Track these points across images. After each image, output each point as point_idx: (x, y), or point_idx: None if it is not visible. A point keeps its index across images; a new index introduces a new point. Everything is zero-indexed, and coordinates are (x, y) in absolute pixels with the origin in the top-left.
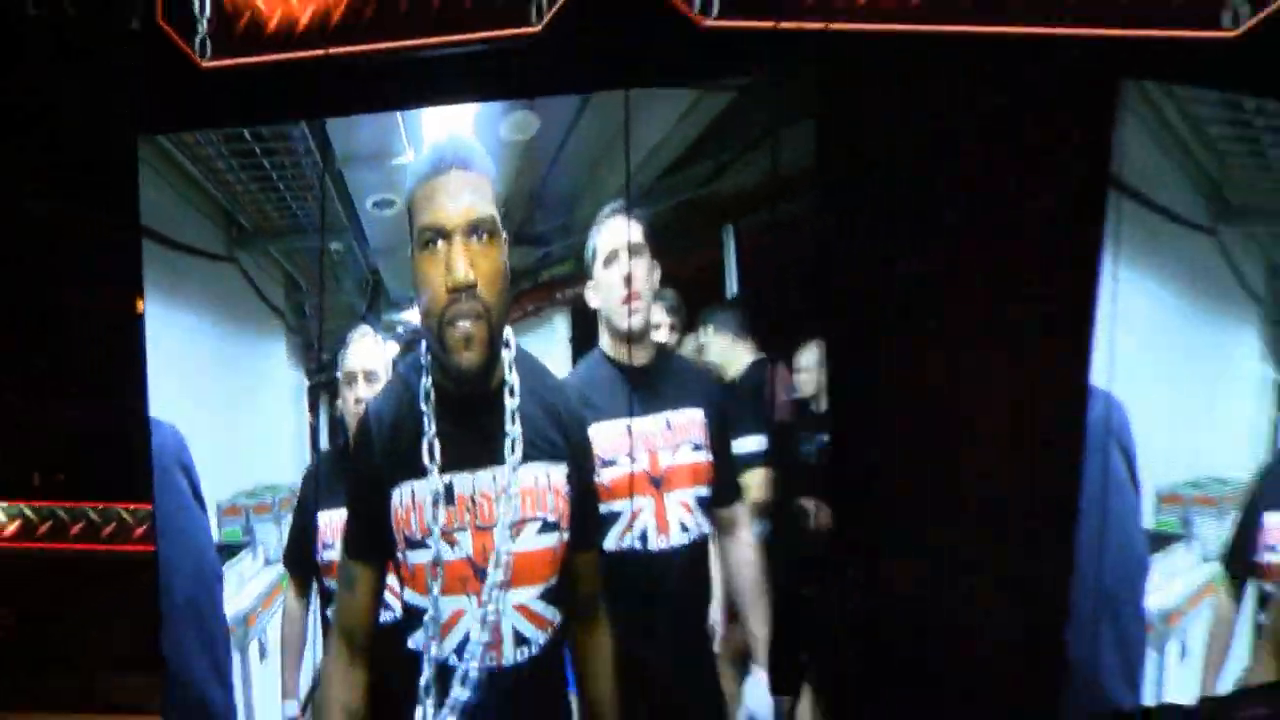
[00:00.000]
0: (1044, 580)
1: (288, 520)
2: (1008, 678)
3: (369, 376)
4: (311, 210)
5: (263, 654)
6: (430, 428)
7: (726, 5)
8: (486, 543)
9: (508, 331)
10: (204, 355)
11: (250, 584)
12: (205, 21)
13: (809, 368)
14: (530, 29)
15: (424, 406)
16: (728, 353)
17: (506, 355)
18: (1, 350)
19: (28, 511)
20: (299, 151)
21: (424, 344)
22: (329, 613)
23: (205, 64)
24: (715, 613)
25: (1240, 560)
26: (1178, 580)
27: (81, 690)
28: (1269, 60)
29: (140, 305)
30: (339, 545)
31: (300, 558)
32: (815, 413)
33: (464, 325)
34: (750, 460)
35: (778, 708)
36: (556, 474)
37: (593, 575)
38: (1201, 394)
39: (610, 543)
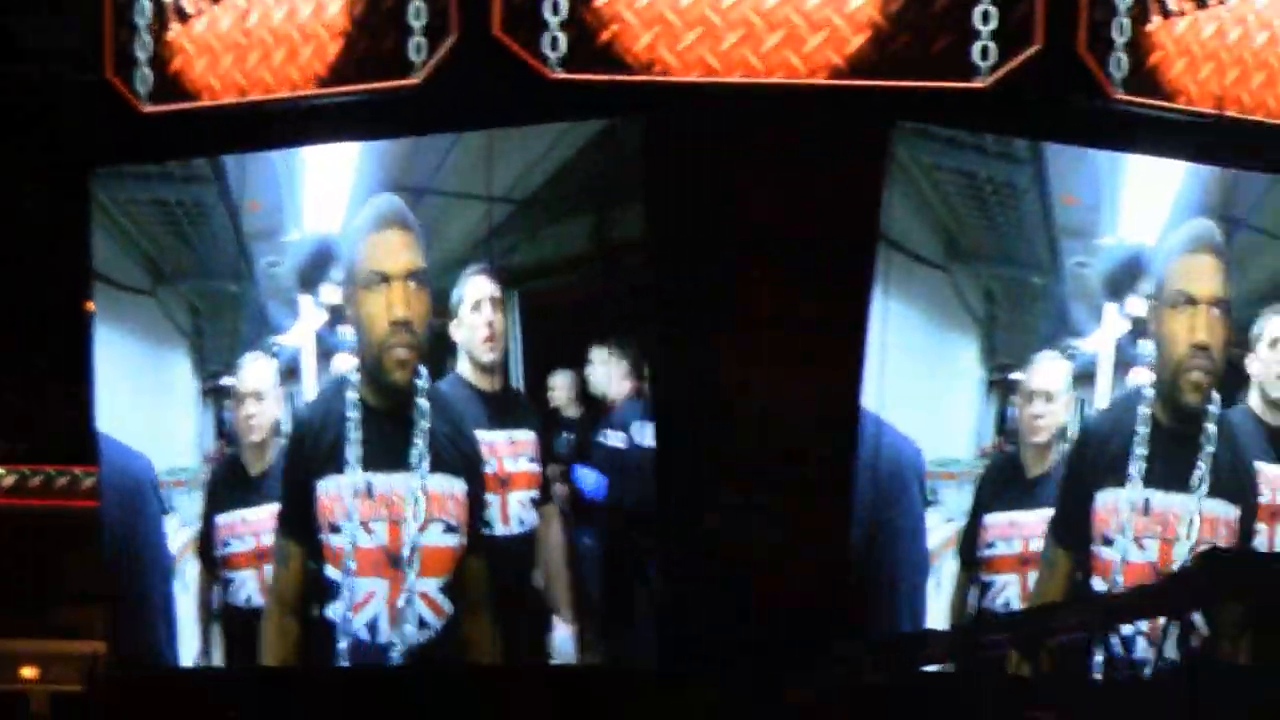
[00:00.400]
0: (830, 530)
1: (197, 495)
2: (802, 607)
3: (258, 396)
4: (216, 255)
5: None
6: (355, 434)
7: (575, 61)
8: (398, 534)
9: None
10: (132, 363)
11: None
12: (148, 72)
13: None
14: (410, 81)
15: (350, 415)
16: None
17: (419, 382)
18: None
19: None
20: (213, 220)
21: (354, 366)
22: (227, 594)
23: (146, 108)
24: (539, 578)
25: (970, 554)
26: (932, 534)
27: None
28: (1015, 105)
29: (90, 306)
30: (270, 534)
31: (204, 551)
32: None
33: (401, 352)
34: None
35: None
36: (458, 486)
37: (481, 575)
38: (937, 392)
39: None
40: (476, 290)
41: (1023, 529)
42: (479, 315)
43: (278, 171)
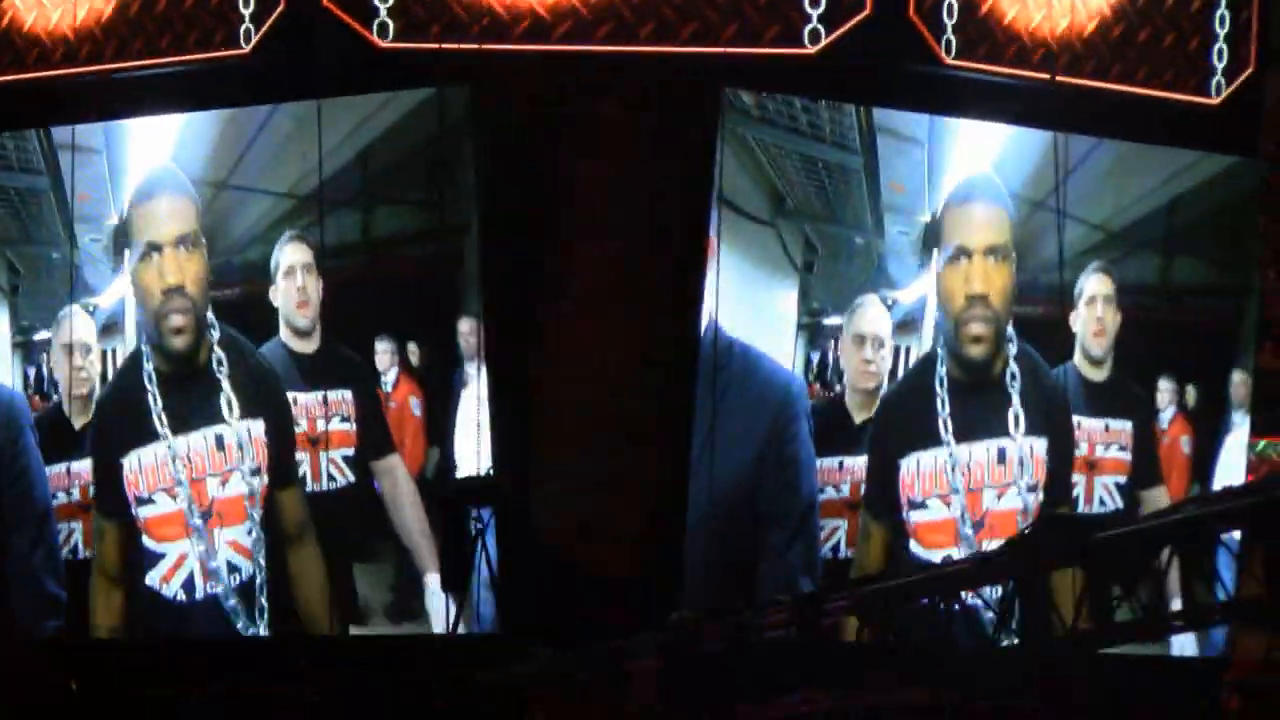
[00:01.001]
0: (663, 490)
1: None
2: (630, 569)
3: (83, 348)
4: (41, 229)
5: None
6: (156, 403)
7: (401, 31)
8: (202, 491)
9: (211, 316)
10: None
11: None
12: None
13: None
14: (239, 51)
15: (148, 385)
16: None
17: (213, 335)
18: None
19: None
20: (43, 205)
21: (143, 336)
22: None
23: None
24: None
25: (883, 504)
26: None
27: None
28: (842, 72)
29: None
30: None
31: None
32: None
33: (176, 319)
34: None
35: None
36: (257, 428)
37: (296, 506)
38: (758, 338)
39: None
40: (290, 257)
41: (852, 472)
42: (292, 281)
43: (104, 167)
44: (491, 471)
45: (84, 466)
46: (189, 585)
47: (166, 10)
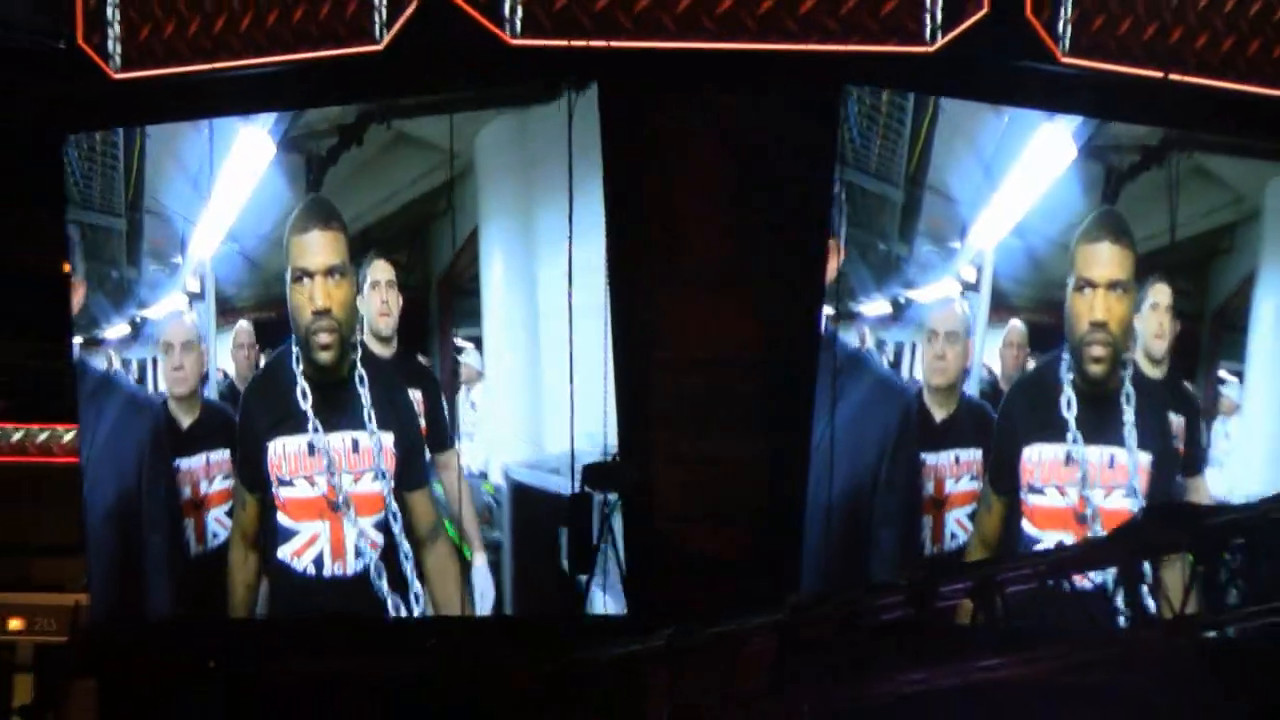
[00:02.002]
0: (781, 475)
1: None
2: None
3: (185, 346)
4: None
5: None
6: (305, 399)
7: (530, 28)
8: (338, 483)
9: (355, 338)
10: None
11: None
12: (116, 41)
13: None
14: (374, 46)
15: (299, 383)
16: None
17: (355, 354)
18: None
19: None
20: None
21: (292, 339)
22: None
23: (116, 75)
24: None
25: (1005, 483)
26: None
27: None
28: (962, 69)
29: (66, 266)
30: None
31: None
32: None
33: (323, 337)
34: None
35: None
36: (388, 439)
37: (426, 505)
38: None
39: None
40: (376, 273)
41: (935, 469)
42: (377, 294)
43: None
44: (617, 456)
45: (194, 463)
46: (319, 563)
47: (302, 20)
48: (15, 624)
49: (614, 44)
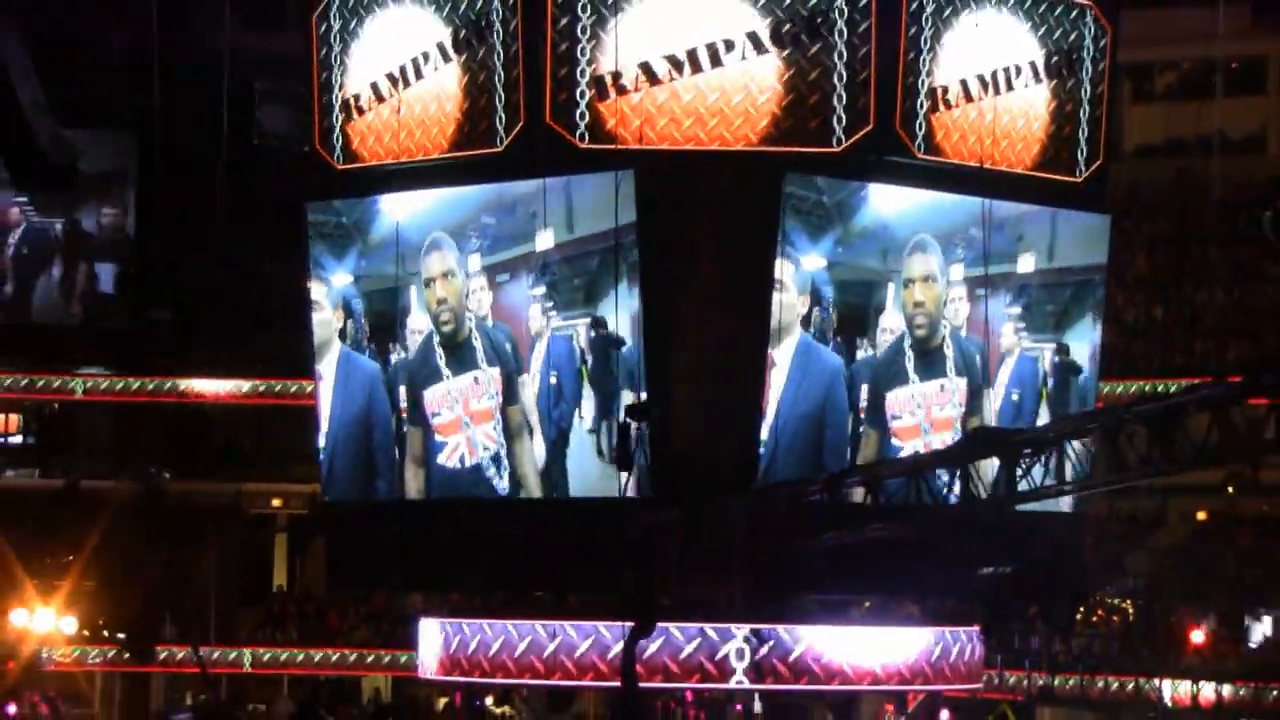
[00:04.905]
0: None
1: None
2: (732, 460)
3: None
4: None
5: None
6: (440, 359)
7: (594, 138)
8: (466, 405)
9: (465, 315)
10: None
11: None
12: (340, 150)
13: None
14: (495, 149)
15: (437, 349)
16: None
17: (470, 324)
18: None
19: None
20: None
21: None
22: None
23: (340, 167)
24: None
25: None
26: None
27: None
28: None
29: (306, 282)
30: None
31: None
32: None
33: (445, 315)
34: None
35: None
36: (494, 372)
37: (518, 415)
38: None
39: None
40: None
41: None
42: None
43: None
44: (645, 397)
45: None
46: (460, 459)
47: (454, 132)
48: (276, 502)
49: (649, 148)
